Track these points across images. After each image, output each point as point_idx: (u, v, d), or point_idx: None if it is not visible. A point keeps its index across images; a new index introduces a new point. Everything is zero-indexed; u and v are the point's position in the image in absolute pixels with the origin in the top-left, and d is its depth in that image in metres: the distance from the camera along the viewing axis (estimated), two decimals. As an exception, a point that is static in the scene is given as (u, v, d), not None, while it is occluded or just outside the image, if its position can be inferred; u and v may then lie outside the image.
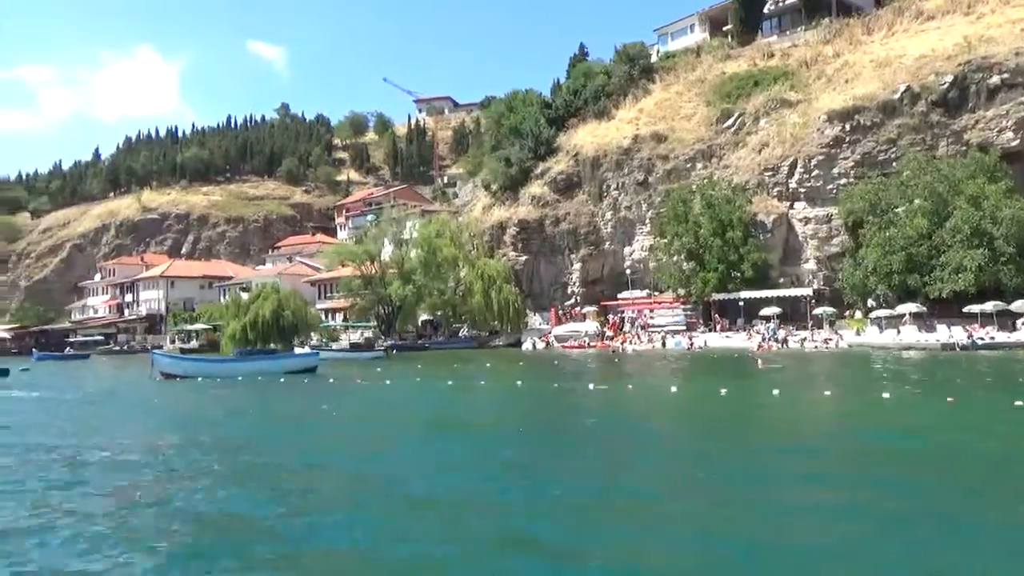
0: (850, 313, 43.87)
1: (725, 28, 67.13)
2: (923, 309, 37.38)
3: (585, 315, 55.19)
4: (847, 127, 46.01)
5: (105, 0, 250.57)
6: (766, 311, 43.99)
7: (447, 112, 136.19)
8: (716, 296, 47.86)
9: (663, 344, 45.44)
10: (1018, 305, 34.42)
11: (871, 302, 42.04)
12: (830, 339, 39.23)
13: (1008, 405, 13.68)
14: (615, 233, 57.60)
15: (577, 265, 58.30)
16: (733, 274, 47.28)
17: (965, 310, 35.66)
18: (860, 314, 42.73)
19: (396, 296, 56.89)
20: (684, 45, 68.99)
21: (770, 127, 51.18)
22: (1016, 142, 40.63)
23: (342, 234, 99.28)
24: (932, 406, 15.34)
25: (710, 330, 47.83)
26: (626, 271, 57.38)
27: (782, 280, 48.02)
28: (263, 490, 8.91)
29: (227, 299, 70.51)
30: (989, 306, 34.75)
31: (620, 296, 56.02)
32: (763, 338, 40.34)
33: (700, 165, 53.87)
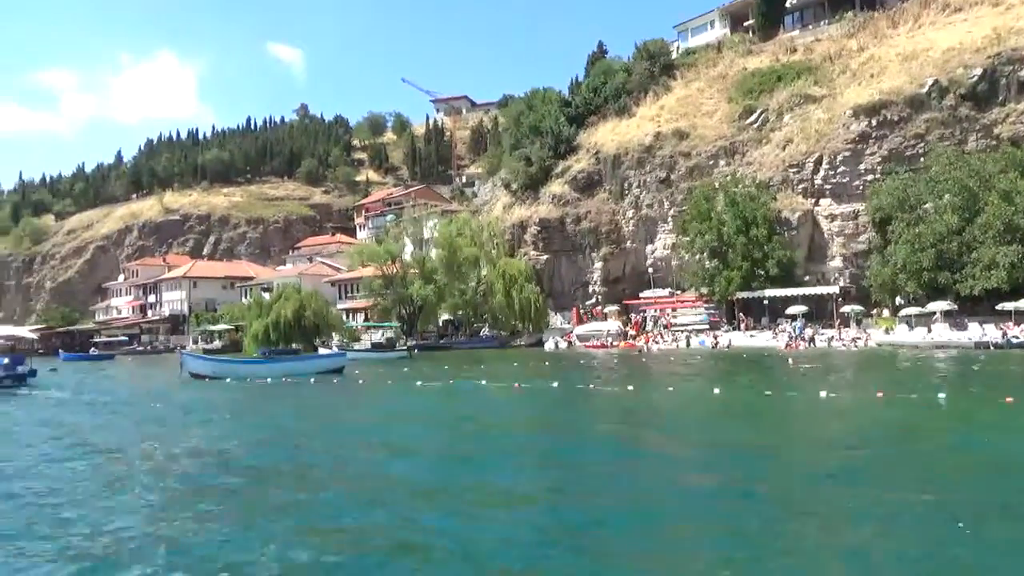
0: (877, 311, 43.22)
1: (746, 23, 66.57)
2: (954, 307, 36.70)
3: (607, 314, 54.80)
4: (873, 122, 45.32)
5: (125, 5, 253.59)
6: (792, 309, 43.44)
7: (465, 112, 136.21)
8: (740, 294, 47.33)
9: (687, 343, 45.00)
10: (1053, 302, 33.68)
11: (899, 300, 41.40)
12: (858, 338, 38.65)
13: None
14: (637, 231, 57.21)
15: (598, 264, 57.96)
16: (757, 272, 46.73)
17: (998, 308, 34.94)
18: (887, 312, 42.09)
19: (418, 296, 56.93)
20: (704, 41, 68.51)
21: (794, 123, 50.54)
22: (1048, 136, 39.82)
23: (361, 234, 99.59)
24: (993, 407, 14.55)
25: (734, 329, 47.35)
26: (648, 270, 56.98)
27: (807, 278, 47.41)
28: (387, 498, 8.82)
29: (249, 299, 70.90)
30: (1023, 303, 34.01)
31: (642, 295, 55.60)
32: (790, 337, 39.78)
33: (723, 162, 53.34)
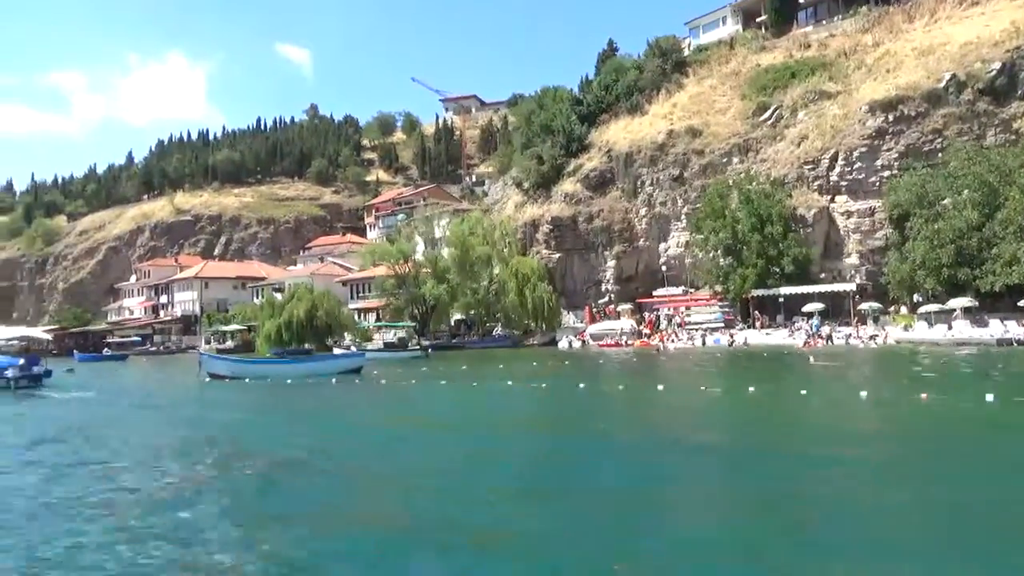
0: (894, 309, 42.83)
1: (758, 19, 66.09)
2: (974, 303, 36.27)
3: (620, 313, 54.50)
4: (890, 117, 44.92)
5: (134, 6, 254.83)
6: (809, 307, 43.06)
7: (474, 111, 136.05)
8: (755, 292, 46.98)
9: (702, 342, 44.68)
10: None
11: (917, 297, 41.00)
12: (876, 335, 38.24)
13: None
14: (650, 229, 56.91)
15: (611, 262, 57.68)
16: (772, 270, 46.39)
17: (1020, 304, 34.48)
18: (905, 309, 41.71)
19: (430, 295, 56.77)
20: (716, 38, 68.05)
21: (809, 119, 50.14)
22: (1070, 130, 39.34)
23: (372, 234, 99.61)
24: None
25: (749, 327, 46.99)
26: (661, 268, 56.67)
27: (823, 275, 47.01)
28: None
29: (261, 300, 71.01)
30: (1045, 300, 33.59)
31: (655, 293, 55.32)
32: (808, 335, 39.41)
33: (736, 159, 52.99)
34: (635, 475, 9.75)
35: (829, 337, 38.47)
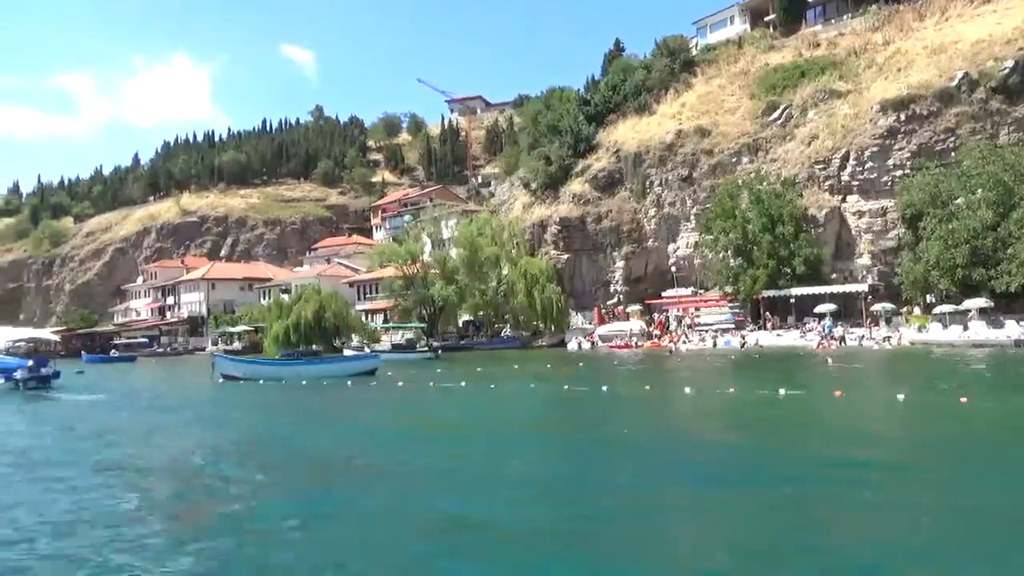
0: (907, 309, 42.49)
1: (766, 19, 65.84)
2: (990, 304, 35.91)
3: (629, 314, 54.28)
4: (902, 116, 44.61)
5: (139, 8, 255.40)
6: (821, 308, 42.72)
7: (479, 112, 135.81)
8: (766, 293, 46.68)
9: (713, 343, 44.38)
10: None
11: (930, 298, 40.66)
12: (889, 336, 37.91)
13: None
14: (659, 230, 56.65)
15: (620, 263, 57.42)
16: (783, 270, 46.08)
17: (1036, 305, 34.20)
18: (918, 310, 41.37)
19: (439, 296, 56.58)
20: (724, 37, 67.79)
21: (819, 119, 49.82)
22: (1085, 128, 38.99)
23: (378, 235, 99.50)
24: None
25: (759, 328, 46.69)
26: (670, 269, 56.36)
27: (834, 276, 46.69)
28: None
29: (269, 301, 71.01)
30: (1062, 300, 33.26)
31: (664, 294, 55.06)
32: (821, 336, 39.08)
33: (746, 159, 52.72)
34: (702, 480, 9.30)
35: (842, 338, 38.13)
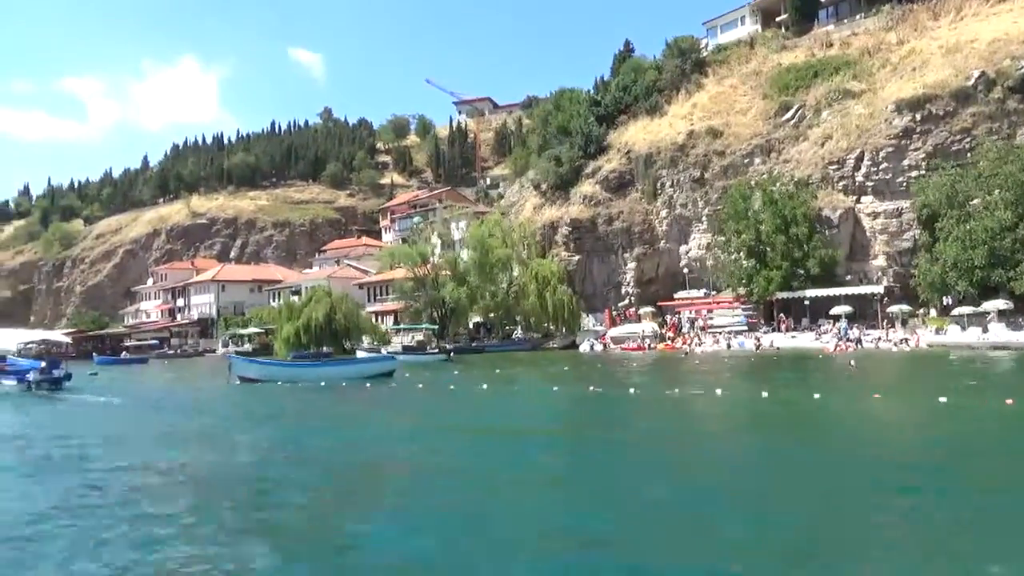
0: (924, 311, 42.07)
1: (778, 19, 65.40)
2: (1009, 305, 35.46)
3: (640, 316, 53.98)
4: (917, 116, 44.20)
5: (147, 12, 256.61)
6: (836, 309, 42.31)
7: (487, 113, 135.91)
8: (780, 295, 46.34)
9: (728, 345, 44.04)
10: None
11: (947, 299, 40.23)
12: (907, 338, 37.51)
13: None
14: (670, 231, 56.34)
15: (631, 265, 57.12)
16: (797, 271, 45.74)
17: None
18: (935, 312, 40.95)
19: (450, 298, 56.37)
20: (735, 38, 67.38)
21: (833, 119, 49.42)
22: (1104, 128, 38.51)
23: (387, 237, 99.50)
24: None
25: (773, 330, 46.34)
26: (682, 270, 56.04)
27: (848, 277, 46.32)
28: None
29: (279, 303, 70.99)
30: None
31: (676, 296, 54.72)
32: (838, 338, 38.69)
33: (758, 160, 52.36)
34: (818, 491, 8.82)
35: (858, 341, 37.73)
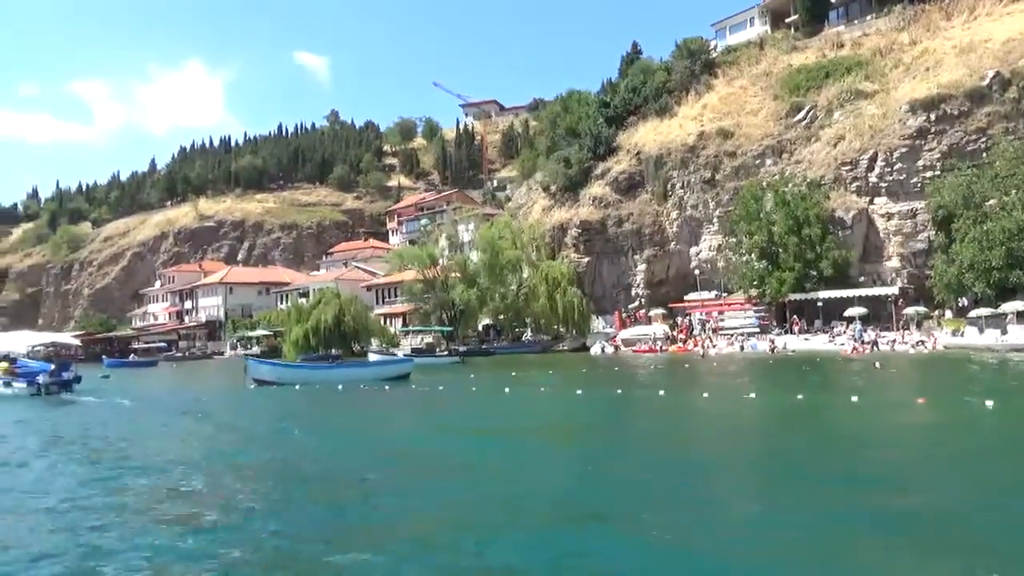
0: (939, 312, 41.68)
1: (787, 20, 65.06)
2: (1029, 307, 35.01)
3: (651, 318, 53.69)
4: (932, 117, 43.83)
5: (154, 16, 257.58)
6: (851, 311, 41.93)
7: (494, 116, 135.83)
8: (792, 296, 45.99)
9: (741, 347, 43.69)
10: None
11: (963, 301, 39.84)
12: (923, 340, 37.11)
13: None
14: (681, 233, 56.03)
15: (641, 266, 56.83)
16: (810, 273, 45.39)
17: (1077, 308, 33.26)
18: (950, 313, 40.56)
19: (460, 299, 56.14)
20: (744, 39, 67.09)
21: (846, 119, 49.09)
22: (1122, 127, 38.10)
23: (394, 239, 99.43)
24: None
25: (785, 332, 45.99)
26: (693, 272, 55.70)
27: (862, 279, 45.95)
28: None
29: (288, 305, 70.97)
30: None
31: (687, 298, 54.39)
32: (854, 339, 38.31)
33: (770, 161, 52.06)
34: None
35: (874, 343, 37.37)
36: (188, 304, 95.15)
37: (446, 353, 51.25)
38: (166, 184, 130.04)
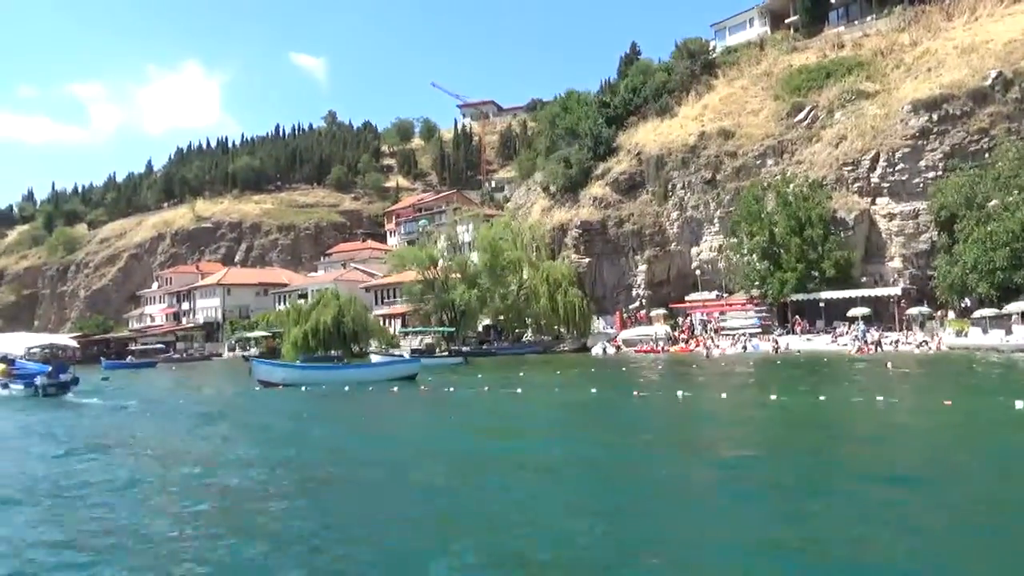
0: (942, 313, 41.61)
1: (787, 20, 65.08)
2: (1032, 307, 34.95)
3: (652, 318, 53.56)
4: (934, 117, 43.81)
5: (151, 17, 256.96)
6: (854, 311, 41.85)
7: (492, 116, 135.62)
8: (794, 296, 45.90)
9: (743, 348, 43.59)
10: None
11: (966, 301, 39.78)
12: (927, 341, 37.03)
13: None
14: (682, 233, 55.92)
15: (642, 267, 56.70)
16: (812, 273, 45.31)
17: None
18: (953, 314, 40.49)
19: (460, 300, 55.91)
20: (743, 40, 67.13)
21: (847, 120, 49.04)
22: (1125, 127, 38.10)
23: (392, 240, 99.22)
24: None
25: (787, 332, 45.89)
26: (694, 272, 55.61)
27: (864, 279, 45.88)
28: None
29: (287, 306, 70.68)
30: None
31: (688, 298, 54.28)
32: (858, 340, 38.20)
33: (771, 161, 51.98)
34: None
35: (878, 343, 37.27)
36: (185, 305, 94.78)
37: (447, 354, 51.04)
38: (163, 185, 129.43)
